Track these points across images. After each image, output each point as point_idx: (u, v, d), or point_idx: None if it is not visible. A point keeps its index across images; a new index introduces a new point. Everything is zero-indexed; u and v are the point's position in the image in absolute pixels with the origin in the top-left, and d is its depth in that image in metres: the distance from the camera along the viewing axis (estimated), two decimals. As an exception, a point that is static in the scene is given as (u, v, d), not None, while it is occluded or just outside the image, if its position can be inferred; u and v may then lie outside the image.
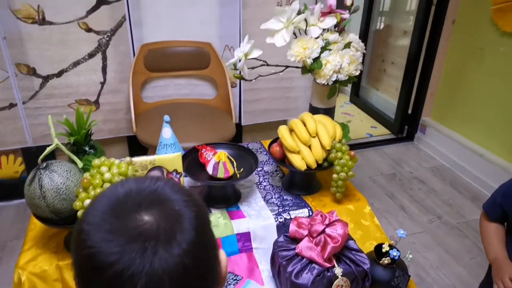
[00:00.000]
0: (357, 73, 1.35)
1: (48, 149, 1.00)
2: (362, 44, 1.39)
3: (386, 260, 1.06)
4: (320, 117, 1.34)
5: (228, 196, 1.29)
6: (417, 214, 2.14)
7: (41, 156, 0.99)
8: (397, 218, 2.11)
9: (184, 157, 1.29)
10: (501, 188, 1.11)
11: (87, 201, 0.96)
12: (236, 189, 1.34)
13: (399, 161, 2.68)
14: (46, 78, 1.89)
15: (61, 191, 0.96)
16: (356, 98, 3.60)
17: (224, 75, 2.06)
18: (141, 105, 2.05)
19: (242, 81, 2.22)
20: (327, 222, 1.07)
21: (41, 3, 1.73)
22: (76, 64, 1.90)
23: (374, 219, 1.33)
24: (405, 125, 2.95)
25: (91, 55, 1.90)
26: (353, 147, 2.79)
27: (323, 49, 1.31)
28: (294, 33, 1.33)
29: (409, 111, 2.91)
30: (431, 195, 2.31)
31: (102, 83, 1.98)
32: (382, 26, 3.32)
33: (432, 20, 2.60)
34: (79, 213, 0.95)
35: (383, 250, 1.08)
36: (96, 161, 1.03)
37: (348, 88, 3.71)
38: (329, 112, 1.46)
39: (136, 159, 1.15)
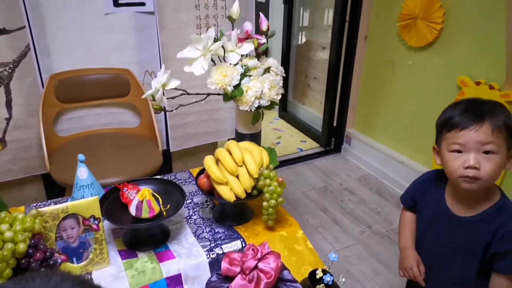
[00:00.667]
0: (279, 97, 1.35)
1: None
2: (281, 68, 1.40)
3: (320, 287, 1.06)
4: (246, 144, 1.32)
5: (155, 237, 1.21)
6: (350, 226, 2.20)
7: None
8: (331, 232, 2.16)
9: (103, 199, 1.19)
10: (414, 181, 1.24)
11: (-16, 269, 0.83)
12: (164, 227, 1.26)
13: (329, 173, 2.76)
14: None
15: (-51, 261, 0.83)
16: (285, 113, 3.67)
17: (146, 101, 1.97)
18: (55, 139, 1.88)
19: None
20: (259, 256, 1.04)
21: None
22: (-27, 100, 1.70)
23: (307, 242, 1.33)
24: (332, 137, 3.06)
25: (-9, 90, 1.71)
26: (284, 163, 2.86)
27: (243, 75, 1.29)
28: (213, 60, 1.30)
29: (334, 124, 3.02)
30: (360, 205, 2.40)
31: (8, 119, 1.79)
32: (303, 41, 3.44)
33: (347, 35, 2.74)
34: (-26, 284, 0.82)
35: (317, 277, 1.07)
36: (-7, 219, 0.90)
37: (276, 104, 3.77)
38: (255, 137, 1.45)
39: (45, 209, 1.03)
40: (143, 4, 1.89)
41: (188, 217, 1.33)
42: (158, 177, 1.47)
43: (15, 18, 1.65)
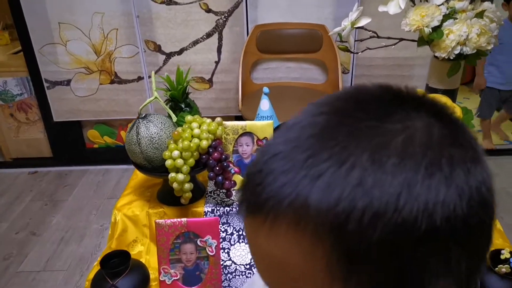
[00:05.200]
0: (489, 47, 1.13)
1: (147, 101, 1.07)
2: (499, 14, 1.16)
3: (504, 269, 0.87)
4: (437, 96, 1.16)
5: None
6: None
7: (141, 107, 1.06)
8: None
9: (277, 128, 1.25)
10: None
11: (175, 152, 0.99)
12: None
13: (544, 175, 2.21)
14: (169, 55, 2.06)
15: (154, 140, 1.02)
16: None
17: (336, 59, 1.96)
18: (250, 85, 2.08)
19: (354, 66, 2.10)
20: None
21: (169, -16, 1.89)
22: (195, 43, 2.03)
23: (495, 222, 1.09)
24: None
25: (208, 35, 2.01)
26: (486, 152, 2.43)
27: (446, 17, 1.13)
28: (413, 1, 1.18)
29: None
30: None
31: (217, 63, 2.08)
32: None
33: None
34: (167, 163, 0.99)
35: (502, 257, 0.89)
36: (188, 117, 1.06)
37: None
38: (450, 94, 1.26)
39: (228, 123, 1.15)
40: (349, -42, 1.86)
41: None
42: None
43: (235, -29, 1.88)
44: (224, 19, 1.98)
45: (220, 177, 1.04)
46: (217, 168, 1.03)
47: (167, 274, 0.94)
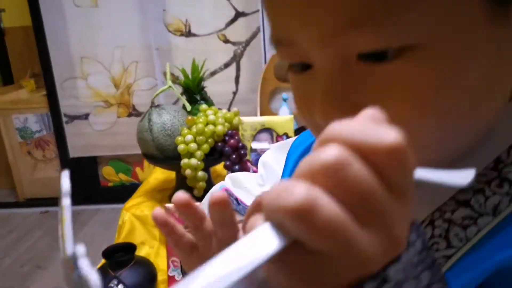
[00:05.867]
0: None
1: (160, 90, 1.04)
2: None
3: None
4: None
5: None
6: None
7: (154, 95, 1.03)
8: None
9: (298, 130, 1.18)
10: None
11: (189, 137, 0.92)
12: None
13: None
14: (187, 87, 2.07)
15: (167, 127, 0.96)
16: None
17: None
18: (268, 114, 2.04)
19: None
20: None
21: (188, 18, 1.96)
22: (213, 74, 2.04)
23: None
24: None
25: (226, 65, 2.03)
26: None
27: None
28: None
29: None
30: None
31: (234, 93, 2.07)
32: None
33: None
34: (180, 148, 0.92)
35: None
36: (203, 106, 1.01)
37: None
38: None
39: (245, 118, 1.08)
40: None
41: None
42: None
43: (252, 3, 1.94)
44: (242, 49, 2.01)
45: (237, 166, 0.95)
46: (234, 156, 0.95)
47: (177, 269, 0.81)
